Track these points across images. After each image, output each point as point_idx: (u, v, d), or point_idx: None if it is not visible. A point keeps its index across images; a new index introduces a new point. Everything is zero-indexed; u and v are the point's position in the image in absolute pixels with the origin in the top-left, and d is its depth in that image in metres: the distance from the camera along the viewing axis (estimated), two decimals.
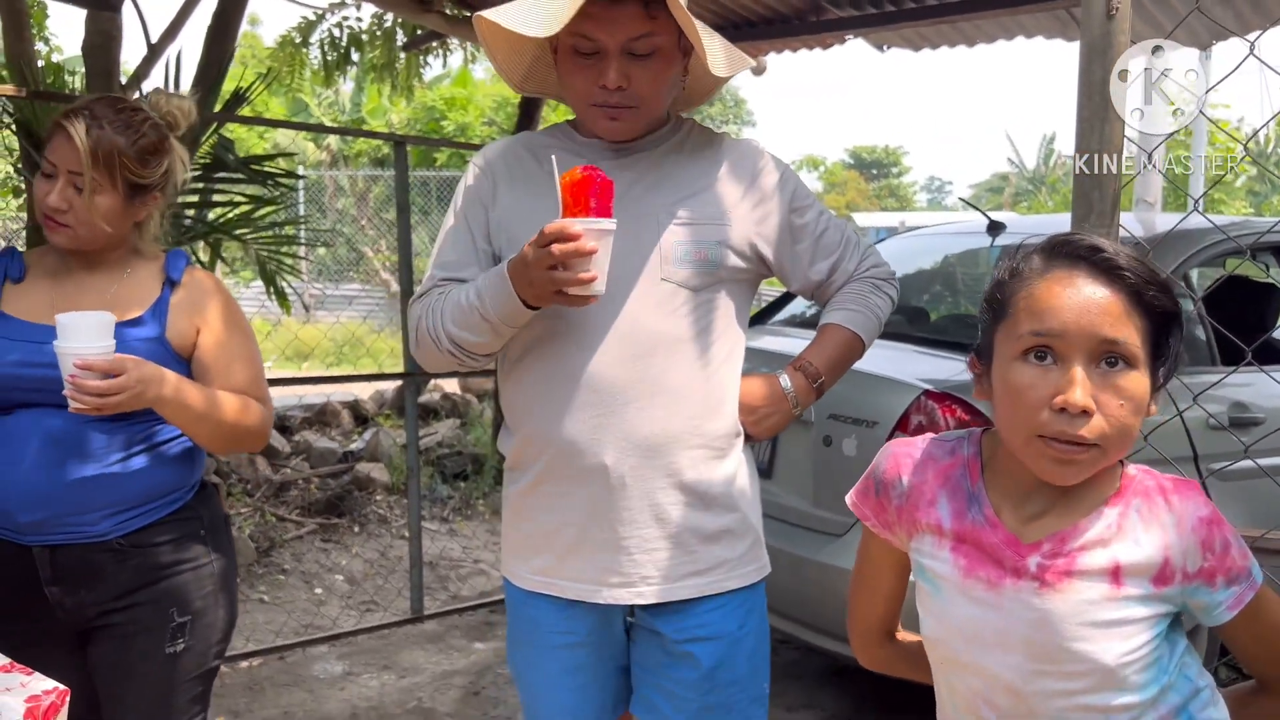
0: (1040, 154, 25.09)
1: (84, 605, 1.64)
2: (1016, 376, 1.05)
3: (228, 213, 4.09)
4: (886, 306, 1.67)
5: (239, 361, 1.71)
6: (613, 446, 1.49)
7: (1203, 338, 3.12)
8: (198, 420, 1.62)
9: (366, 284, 13.24)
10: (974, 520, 1.13)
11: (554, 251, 1.31)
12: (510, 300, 1.42)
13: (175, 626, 1.66)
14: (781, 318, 3.75)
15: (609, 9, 1.40)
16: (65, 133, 1.59)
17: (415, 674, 3.40)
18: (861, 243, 1.68)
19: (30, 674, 1.35)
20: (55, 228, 1.62)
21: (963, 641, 1.13)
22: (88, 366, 1.48)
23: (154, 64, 4.63)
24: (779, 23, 4.46)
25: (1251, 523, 2.46)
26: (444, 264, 1.58)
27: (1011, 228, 3.45)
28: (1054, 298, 1.04)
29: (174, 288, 1.70)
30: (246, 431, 1.69)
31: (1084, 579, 1.07)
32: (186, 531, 1.69)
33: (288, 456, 5.88)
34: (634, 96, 1.46)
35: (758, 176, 1.58)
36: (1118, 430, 1.03)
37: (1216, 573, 1.06)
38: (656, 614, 1.55)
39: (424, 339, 1.55)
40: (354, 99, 16.63)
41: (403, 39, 6.03)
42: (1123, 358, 1.03)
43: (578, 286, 1.34)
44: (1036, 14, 4.08)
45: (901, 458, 1.20)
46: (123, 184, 1.63)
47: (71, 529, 1.60)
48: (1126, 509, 1.08)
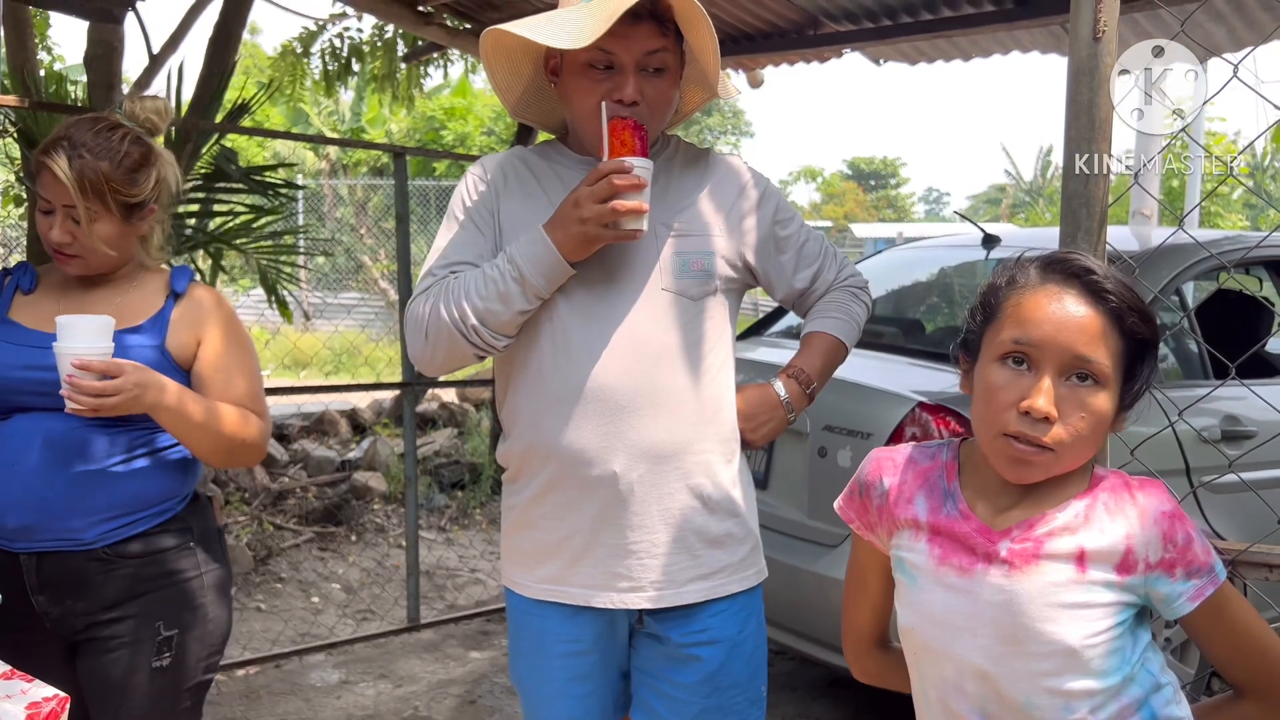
0: (1037, 166, 25.21)
1: (71, 615, 1.64)
2: (992, 377, 1.13)
3: (228, 222, 4.11)
4: (864, 314, 1.74)
5: (238, 375, 1.72)
6: (621, 454, 1.52)
7: (1196, 351, 3.14)
8: (196, 430, 1.63)
9: (365, 293, 13.26)
10: (949, 513, 1.19)
11: (614, 181, 1.40)
12: (549, 255, 1.47)
13: (162, 640, 1.66)
14: (778, 329, 3.78)
15: (628, 26, 1.45)
16: (49, 170, 1.59)
17: (411, 683, 3.41)
18: (838, 253, 1.75)
19: (31, 681, 1.36)
20: (65, 260, 1.66)
21: (935, 628, 1.18)
22: (85, 366, 1.50)
23: (155, 74, 4.66)
24: (776, 37, 4.50)
25: (1242, 536, 2.47)
26: (450, 262, 1.56)
27: (1007, 241, 3.47)
28: (1039, 310, 1.12)
29: (177, 300, 1.72)
30: (244, 444, 1.69)
31: (1050, 562, 1.12)
32: (176, 543, 1.69)
33: (285, 465, 5.89)
34: (644, 112, 1.50)
35: (744, 190, 1.64)
36: (1074, 440, 1.10)
37: (1176, 564, 1.12)
38: (661, 619, 1.57)
39: (436, 326, 1.51)
40: (354, 108, 16.69)
41: (403, 50, 6.06)
42: (1092, 375, 1.10)
43: (631, 219, 1.43)
44: (1032, 29, 4.11)
45: (884, 462, 1.27)
46: (117, 206, 1.63)
47: (59, 536, 1.61)
48: (1094, 502, 1.14)
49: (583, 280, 1.51)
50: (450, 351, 1.53)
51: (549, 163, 1.62)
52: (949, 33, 4.14)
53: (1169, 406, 1.63)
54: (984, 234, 3.49)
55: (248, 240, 4.14)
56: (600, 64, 1.49)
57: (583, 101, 1.51)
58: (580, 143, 1.60)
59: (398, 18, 4.74)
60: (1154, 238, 3.66)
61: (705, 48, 1.48)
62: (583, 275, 1.50)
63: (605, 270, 1.53)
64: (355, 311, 11.58)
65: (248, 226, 4.14)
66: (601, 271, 1.52)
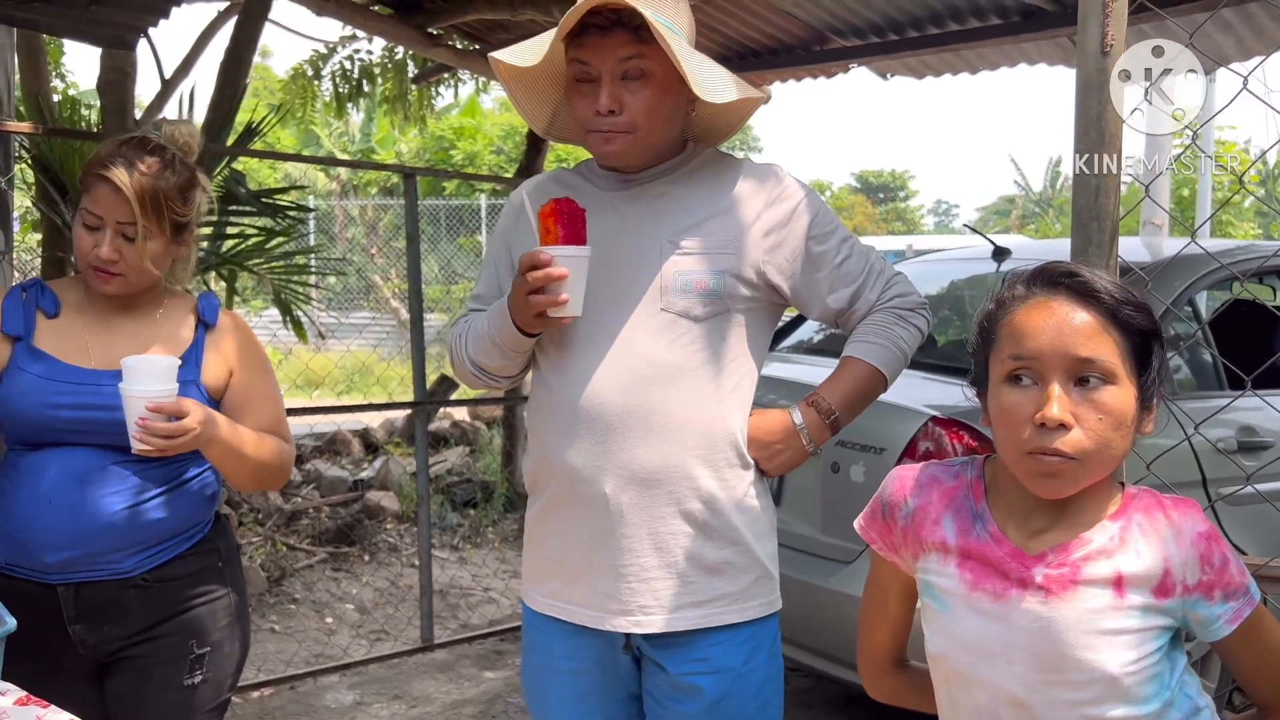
0: (1046, 177, 25.14)
1: (106, 641, 1.65)
2: (1003, 399, 1.12)
3: (240, 244, 4.14)
4: (912, 337, 1.61)
5: (268, 402, 1.75)
6: (611, 476, 1.50)
7: (1211, 362, 3.12)
8: (240, 460, 1.65)
9: (376, 313, 13.30)
10: (979, 536, 1.16)
11: (528, 278, 1.42)
12: (508, 327, 1.52)
13: (194, 659, 1.68)
14: (788, 344, 3.77)
15: (600, 37, 1.47)
16: (110, 184, 1.58)
17: (426, 704, 3.40)
18: (887, 271, 1.63)
19: (46, 707, 1.36)
20: (107, 278, 1.62)
21: (969, 655, 1.15)
22: (158, 409, 1.51)
23: (167, 99, 4.71)
24: (783, 53, 4.51)
25: (1261, 548, 2.45)
26: (475, 296, 1.71)
27: (1018, 253, 3.46)
28: (1031, 322, 1.11)
29: (208, 331, 1.73)
30: (275, 471, 1.73)
31: (1088, 588, 1.10)
32: (206, 564, 1.71)
33: (298, 485, 5.90)
34: (628, 122, 1.49)
35: (773, 203, 1.57)
36: (1097, 444, 1.07)
37: (1214, 586, 1.10)
38: (657, 646, 1.54)
39: (456, 362, 1.68)
40: (364, 129, 16.79)
41: (414, 71, 6.11)
42: (1099, 374, 1.08)
43: (554, 309, 1.44)
44: (1039, 42, 4.11)
45: (907, 481, 1.24)
46: (169, 225, 1.65)
47: (98, 568, 1.61)
48: (1128, 523, 1.12)
49: (588, 298, 1.50)
50: (475, 382, 1.69)
51: (576, 183, 1.63)
52: (955, 46, 4.14)
53: (1184, 418, 1.62)
54: (995, 246, 3.48)
55: (260, 261, 4.17)
56: (581, 77, 1.50)
57: (577, 115, 1.54)
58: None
59: (406, 40, 4.78)
60: (1165, 247, 3.65)
61: (670, 52, 1.43)
62: (588, 293, 1.49)
63: (608, 289, 1.52)
64: (367, 331, 11.62)
65: (260, 248, 4.17)
66: (605, 290, 1.52)
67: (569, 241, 1.43)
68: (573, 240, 1.43)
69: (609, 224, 1.55)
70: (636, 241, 1.54)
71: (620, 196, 1.58)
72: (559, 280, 1.41)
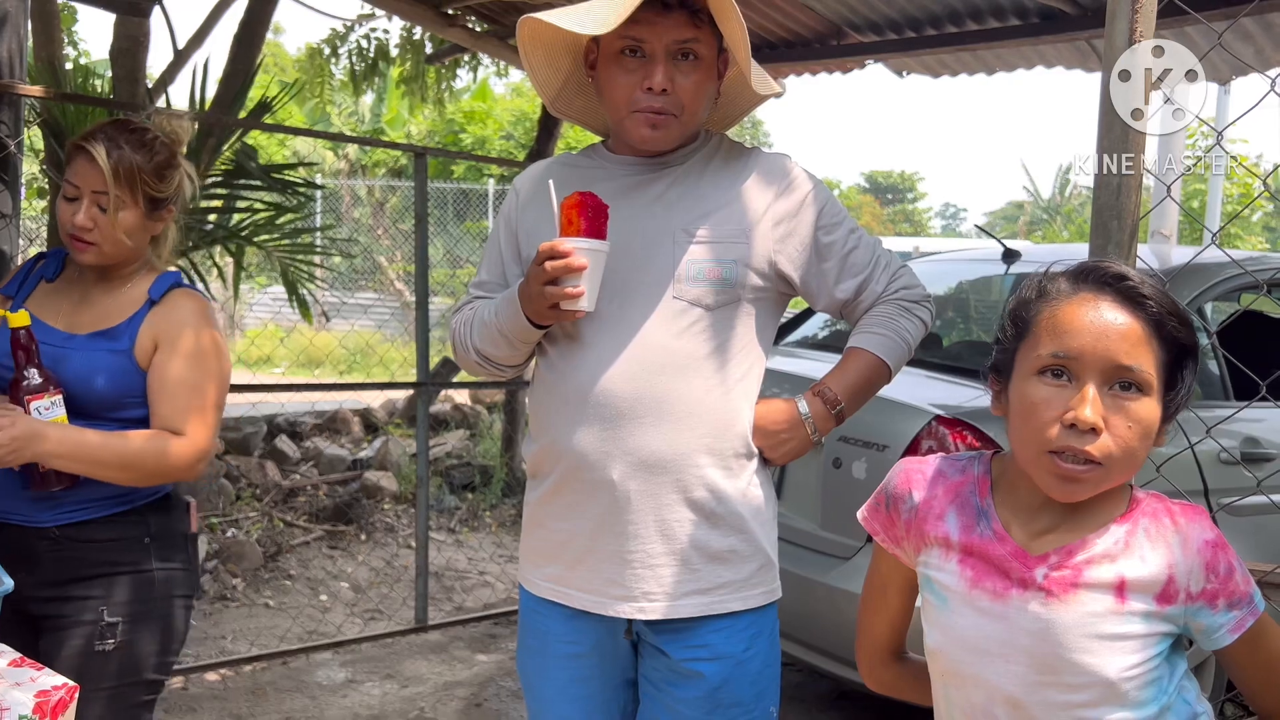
0: (1056, 183, 25.09)
1: (24, 588, 1.65)
2: (1033, 392, 1.09)
3: (246, 219, 4.13)
4: (916, 329, 1.61)
5: (179, 388, 1.71)
6: (619, 462, 1.50)
7: (1216, 372, 3.11)
8: (95, 466, 1.64)
9: (380, 293, 13.30)
10: (982, 534, 1.15)
11: (546, 268, 1.41)
12: (518, 317, 1.51)
13: (105, 625, 1.69)
14: (794, 339, 3.76)
15: (659, 14, 1.46)
16: (87, 154, 1.69)
17: (418, 684, 3.40)
18: (893, 263, 1.63)
19: (40, 669, 1.36)
20: (83, 247, 1.71)
21: (966, 652, 1.14)
22: None
23: (180, 70, 4.69)
24: (800, 46, 4.49)
25: (1262, 560, 2.44)
26: (479, 282, 1.69)
27: (1026, 256, 3.46)
28: (1075, 320, 1.08)
29: (152, 305, 1.75)
30: (160, 470, 1.69)
31: (1089, 591, 1.09)
32: (128, 535, 1.72)
33: (297, 463, 5.91)
34: (676, 103, 1.49)
35: (784, 193, 1.57)
36: (1123, 452, 1.06)
37: (1219, 595, 1.09)
38: (659, 632, 1.54)
39: (459, 349, 1.66)
40: (374, 109, 16.76)
41: (431, 51, 6.08)
42: (1136, 384, 1.06)
43: (568, 301, 1.43)
44: (1057, 44, 4.09)
45: (913, 474, 1.23)
46: (143, 199, 1.73)
47: (18, 514, 1.68)
48: (1134, 527, 1.11)
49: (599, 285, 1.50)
50: (479, 372, 1.67)
51: (585, 166, 1.62)
52: (973, 46, 4.13)
53: (1189, 427, 1.61)
54: (1004, 248, 3.47)
55: (268, 238, 4.16)
56: (630, 51, 1.49)
57: (615, 92, 1.51)
58: (620, 142, 1.60)
59: (421, 18, 4.75)
60: (1173, 257, 3.64)
61: (735, 37, 1.46)
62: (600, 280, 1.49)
63: (621, 276, 1.51)
64: (371, 311, 11.62)
65: (269, 223, 4.16)
66: (617, 277, 1.51)
67: (590, 235, 1.42)
68: (594, 234, 1.43)
69: (619, 210, 1.53)
70: (648, 228, 1.53)
71: (631, 182, 1.57)
72: (577, 272, 1.41)
